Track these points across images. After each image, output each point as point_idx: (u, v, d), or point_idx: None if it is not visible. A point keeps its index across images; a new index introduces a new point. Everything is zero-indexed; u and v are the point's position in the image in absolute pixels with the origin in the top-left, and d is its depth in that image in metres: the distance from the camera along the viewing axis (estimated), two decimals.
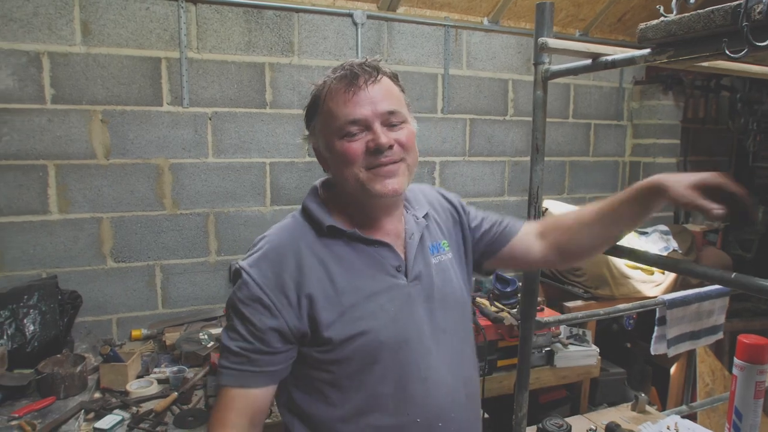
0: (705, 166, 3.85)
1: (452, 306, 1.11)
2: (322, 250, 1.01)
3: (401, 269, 1.05)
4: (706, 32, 0.99)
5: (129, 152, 2.41)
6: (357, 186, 1.00)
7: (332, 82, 1.00)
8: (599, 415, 1.79)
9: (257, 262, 0.99)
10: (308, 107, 1.07)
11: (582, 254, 1.24)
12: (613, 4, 3.08)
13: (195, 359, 2.20)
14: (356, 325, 0.98)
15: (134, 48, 2.37)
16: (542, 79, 1.42)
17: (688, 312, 1.80)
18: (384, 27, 2.81)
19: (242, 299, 0.97)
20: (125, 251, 2.46)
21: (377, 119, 0.98)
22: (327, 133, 1.01)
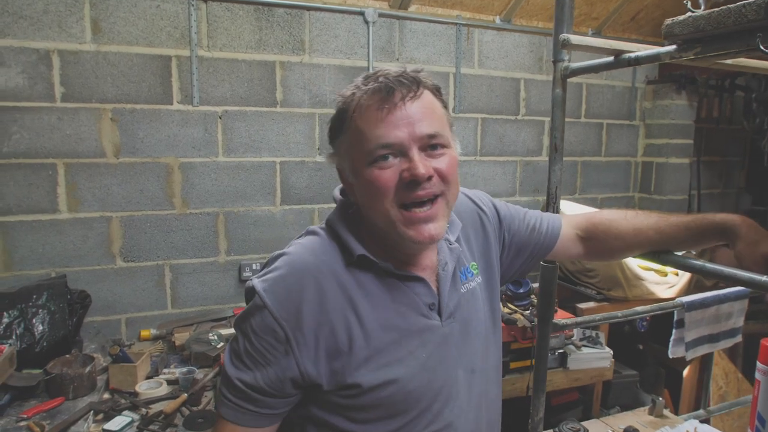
0: (718, 166, 3.81)
1: (482, 340, 1.00)
2: (349, 281, 0.86)
3: (434, 307, 0.92)
4: (737, 27, 0.96)
5: (139, 151, 2.40)
6: (387, 225, 0.85)
7: (362, 96, 0.84)
8: (616, 420, 1.76)
9: (273, 286, 0.84)
10: (333, 121, 0.91)
11: (618, 258, 1.22)
12: (627, 2, 3.05)
13: (204, 360, 2.18)
14: (384, 372, 0.85)
15: (144, 46, 2.36)
16: (561, 76, 1.39)
17: (706, 315, 1.77)
18: (395, 25, 2.79)
19: (254, 328, 0.84)
20: (134, 251, 2.45)
21: (415, 144, 0.82)
22: (354, 157, 0.86)
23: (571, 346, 2.45)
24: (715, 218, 1.04)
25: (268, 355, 0.84)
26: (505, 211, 1.14)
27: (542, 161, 3.24)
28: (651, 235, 1.11)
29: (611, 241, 1.15)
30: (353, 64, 2.73)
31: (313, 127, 2.69)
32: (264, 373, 0.84)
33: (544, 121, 3.21)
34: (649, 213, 1.15)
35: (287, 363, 0.83)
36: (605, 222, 1.16)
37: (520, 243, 1.14)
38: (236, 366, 0.86)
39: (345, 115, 0.87)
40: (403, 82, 0.84)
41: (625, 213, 1.17)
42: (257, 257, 2.66)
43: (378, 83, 0.84)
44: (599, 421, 1.76)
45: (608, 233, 1.15)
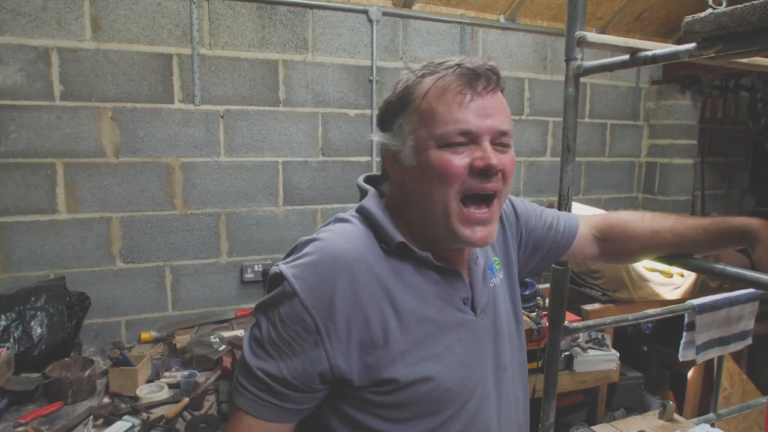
0: (722, 167, 3.80)
1: (510, 338, 0.98)
2: (385, 270, 0.82)
3: (468, 301, 0.89)
4: (762, 24, 0.93)
5: (139, 150, 2.36)
6: (441, 216, 0.81)
7: (441, 78, 0.81)
8: (626, 424, 1.74)
9: (304, 273, 0.79)
10: (392, 101, 0.87)
11: (634, 261, 1.19)
12: (632, 2, 3.03)
13: (206, 363, 2.15)
14: (421, 367, 0.81)
15: (145, 44, 2.32)
16: (574, 75, 1.36)
17: (717, 317, 1.75)
18: (399, 24, 2.76)
19: (282, 315, 0.78)
20: (135, 252, 2.41)
21: (488, 136, 0.80)
22: (421, 137, 0.81)
23: (577, 348, 2.43)
24: (734, 222, 1.02)
25: (294, 345, 0.78)
26: (521, 208, 1.12)
27: (546, 161, 3.21)
28: (668, 237, 1.08)
29: (627, 242, 1.13)
30: (357, 63, 2.70)
31: (316, 127, 2.66)
32: (289, 364, 0.78)
33: (548, 121, 3.18)
34: (666, 215, 1.13)
35: (316, 355, 0.78)
36: (622, 223, 1.14)
37: (536, 240, 1.11)
38: (257, 355, 0.80)
39: (412, 94, 0.83)
40: (488, 73, 0.81)
41: (642, 214, 1.14)
42: (259, 258, 2.62)
43: (463, 68, 0.81)
44: (609, 426, 1.74)
45: (625, 235, 1.13)
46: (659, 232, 1.09)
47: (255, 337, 0.82)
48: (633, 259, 1.21)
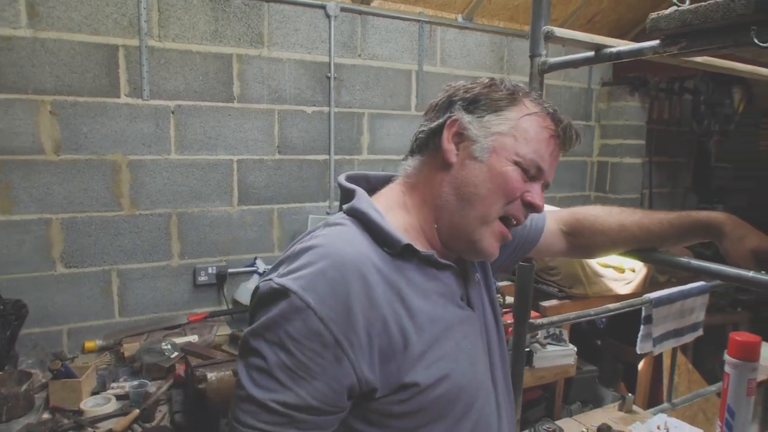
0: (667, 167, 3.95)
1: (496, 333, 0.97)
2: (391, 271, 0.78)
3: (464, 297, 0.89)
4: (726, 22, 0.94)
5: (82, 147, 2.22)
6: (475, 218, 0.83)
7: (544, 114, 0.86)
8: (587, 417, 1.76)
9: (313, 283, 0.71)
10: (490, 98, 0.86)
11: (601, 255, 1.20)
12: (585, 6, 3.10)
13: (157, 371, 2.05)
14: (438, 367, 0.78)
15: (88, 34, 2.19)
16: (539, 71, 1.35)
17: (672, 310, 1.79)
18: (358, 20, 2.72)
19: (294, 335, 0.70)
20: (77, 255, 2.27)
21: (544, 181, 0.87)
22: (505, 145, 0.82)
23: (537, 344, 2.45)
24: (700, 215, 1.03)
25: (313, 366, 0.70)
26: None
27: None
28: (635, 231, 1.09)
29: (596, 237, 1.13)
30: (314, 59, 2.64)
31: (273, 124, 2.58)
32: (312, 389, 0.70)
33: None
34: (633, 209, 1.13)
35: (341, 371, 0.71)
36: (590, 218, 1.14)
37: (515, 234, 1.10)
38: (266, 387, 0.70)
39: (515, 103, 0.86)
40: (569, 136, 0.88)
41: (609, 209, 1.14)
42: (213, 260, 2.52)
43: (564, 121, 0.87)
44: (572, 420, 1.75)
45: (593, 229, 1.13)
46: (626, 227, 1.09)
47: (257, 367, 0.71)
48: (601, 254, 1.21)
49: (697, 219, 1.02)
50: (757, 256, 0.93)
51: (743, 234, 0.96)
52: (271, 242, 2.66)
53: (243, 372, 0.73)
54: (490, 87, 0.87)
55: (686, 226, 1.04)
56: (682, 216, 1.05)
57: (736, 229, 0.97)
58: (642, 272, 2.91)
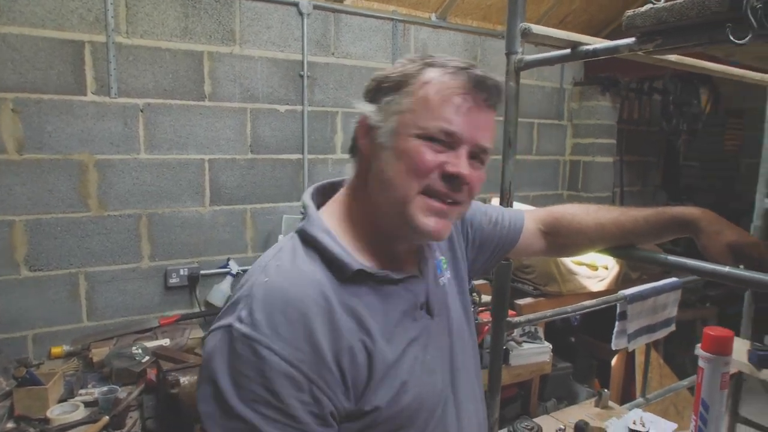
0: (637, 165, 4.02)
1: (462, 337, 0.95)
2: (350, 298, 0.76)
3: (424, 305, 0.87)
4: (700, 19, 0.95)
5: (47, 146, 2.15)
6: (397, 203, 0.78)
7: (448, 73, 0.78)
8: (565, 414, 1.77)
9: (275, 328, 0.69)
10: (390, 76, 0.82)
11: (580, 253, 1.20)
12: (557, 6, 3.14)
13: (128, 377, 2.00)
14: (398, 387, 0.77)
15: (52, 29, 2.12)
16: (515, 69, 1.36)
17: (645, 306, 1.82)
18: (331, 18, 2.70)
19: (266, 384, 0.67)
20: (42, 258, 2.19)
21: (469, 147, 0.78)
22: (405, 121, 0.78)
23: (512, 342, 2.46)
24: (675, 212, 1.04)
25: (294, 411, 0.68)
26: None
27: None
28: (612, 229, 1.09)
29: (574, 236, 1.13)
30: (287, 57, 2.60)
31: (245, 123, 2.54)
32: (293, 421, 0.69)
33: None
34: (609, 207, 1.14)
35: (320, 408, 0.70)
36: (568, 216, 1.14)
37: (483, 238, 1.09)
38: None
39: (412, 78, 0.80)
40: (493, 88, 0.80)
41: (587, 207, 1.15)
42: (185, 262, 2.47)
43: (472, 74, 0.79)
44: (549, 417, 1.76)
45: (571, 228, 1.13)
46: (604, 225, 1.10)
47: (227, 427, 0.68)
48: (579, 252, 1.22)
49: (673, 215, 1.03)
50: (734, 251, 0.94)
51: (719, 229, 0.97)
52: (245, 243, 2.61)
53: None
54: (395, 67, 0.84)
55: (662, 223, 1.05)
56: (659, 213, 1.06)
57: (712, 224, 0.98)
58: (615, 269, 2.95)
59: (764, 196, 2.20)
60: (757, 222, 2.21)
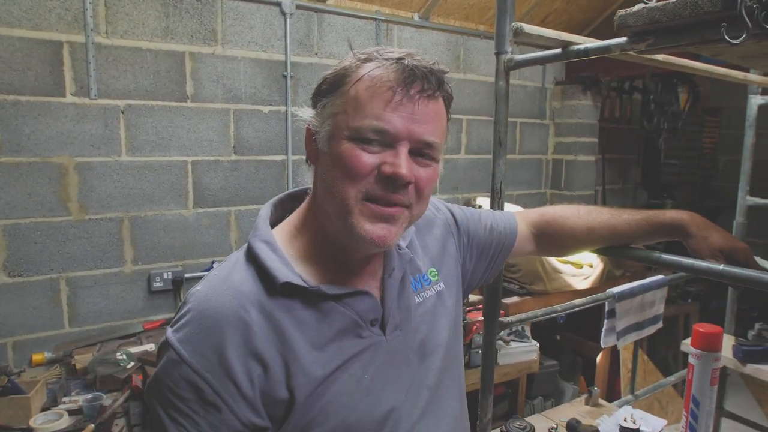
0: (618, 164, 4.08)
1: (440, 356, 0.90)
2: (276, 312, 0.74)
3: (377, 321, 0.82)
4: (693, 19, 0.96)
5: (25, 149, 2.09)
6: (340, 211, 0.74)
7: (379, 67, 0.74)
8: (556, 412, 1.78)
9: (188, 334, 0.71)
10: (326, 78, 0.79)
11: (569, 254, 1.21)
12: (538, 6, 3.17)
13: (113, 383, 1.97)
14: (325, 408, 0.74)
15: (29, 29, 2.06)
16: (505, 68, 1.37)
17: (634, 303, 1.84)
18: (314, 18, 2.68)
19: (174, 388, 0.70)
20: (22, 263, 2.13)
21: (408, 143, 0.73)
22: (338, 124, 0.74)
23: (500, 342, 2.47)
24: (665, 216, 1.06)
25: (197, 418, 0.70)
26: (460, 215, 1.08)
27: (462, 159, 3.27)
28: (603, 233, 1.11)
29: (564, 239, 1.14)
30: (270, 58, 2.58)
31: (228, 124, 2.51)
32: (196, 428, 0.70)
33: (462, 119, 3.25)
34: (601, 209, 1.15)
35: (222, 419, 0.70)
36: (559, 220, 1.14)
37: (480, 245, 1.08)
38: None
39: (347, 76, 0.75)
40: (427, 76, 0.74)
41: (578, 209, 1.15)
42: (168, 265, 2.43)
43: (402, 64, 0.73)
44: (541, 416, 1.77)
45: (562, 231, 1.14)
46: (595, 229, 1.11)
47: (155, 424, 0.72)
48: (569, 253, 1.23)
49: (663, 221, 1.06)
50: (723, 254, 0.98)
51: (707, 233, 1.01)
52: (229, 245, 2.58)
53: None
54: (336, 67, 0.79)
55: (652, 227, 1.07)
56: (649, 217, 1.08)
57: (700, 228, 1.02)
58: (599, 267, 2.99)
59: (746, 194, 2.24)
60: (739, 219, 2.26)
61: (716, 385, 1.40)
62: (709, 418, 1.40)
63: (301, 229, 0.83)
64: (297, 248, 0.80)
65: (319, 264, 0.80)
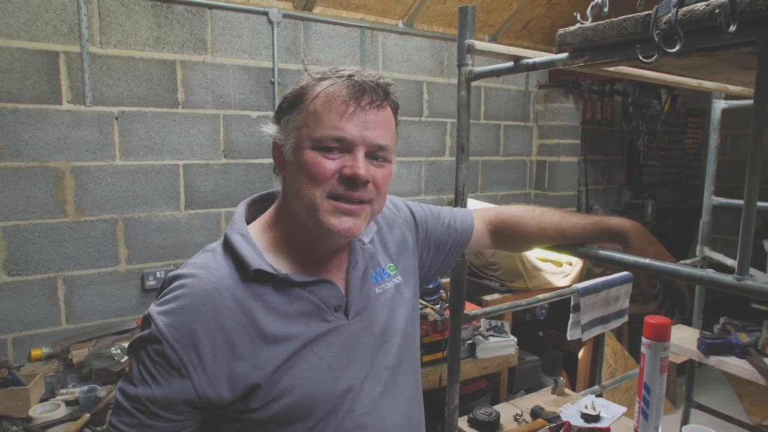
0: (602, 165, 4.17)
1: (398, 340, 1.01)
2: (247, 295, 0.85)
3: (341, 308, 0.93)
4: (619, 39, 1.07)
5: (23, 154, 2.20)
6: (310, 212, 0.86)
7: (332, 84, 0.86)
8: (523, 401, 1.88)
9: (167, 309, 0.82)
10: (287, 97, 0.91)
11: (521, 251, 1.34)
12: (519, 12, 3.26)
13: (107, 376, 2.05)
14: (286, 381, 0.85)
15: (27, 40, 2.17)
16: (466, 80, 1.46)
17: (598, 299, 1.94)
18: (300, 27, 2.78)
19: (149, 353, 0.82)
20: (21, 263, 2.24)
21: (364, 147, 0.85)
22: (301, 136, 0.86)
23: (479, 336, 2.57)
24: (610, 223, 1.18)
25: (159, 378, 0.81)
26: (420, 213, 1.19)
27: (446, 161, 3.37)
28: (552, 234, 1.23)
29: (517, 237, 1.26)
30: (258, 65, 2.68)
31: (218, 129, 2.61)
32: (149, 392, 0.81)
33: (447, 122, 3.34)
34: (553, 212, 1.25)
35: (182, 386, 0.81)
36: (513, 219, 1.26)
37: (437, 241, 1.19)
38: (128, 395, 0.83)
39: (305, 94, 0.88)
40: (375, 89, 0.87)
41: (532, 211, 1.26)
42: (161, 265, 2.53)
43: (352, 81, 0.86)
44: (509, 404, 1.87)
45: (516, 231, 1.25)
46: (545, 230, 1.23)
47: (127, 377, 0.85)
48: (521, 250, 1.36)
49: (607, 226, 1.18)
50: None
51: (644, 246, 1.12)
52: None
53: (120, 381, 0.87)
54: (294, 86, 0.92)
55: (598, 232, 1.19)
56: (596, 222, 1.20)
57: (639, 240, 1.13)
58: (578, 265, 3.08)
59: (711, 194, 2.34)
60: (705, 218, 2.36)
61: (666, 373, 1.51)
62: (659, 403, 1.51)
63: (272, 225, 0.94)
64: (268, 241, 0.92)
65: (288, 256, 0.91)
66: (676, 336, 2.10)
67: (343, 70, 0.89)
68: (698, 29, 0.91)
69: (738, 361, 1.94)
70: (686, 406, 2.53)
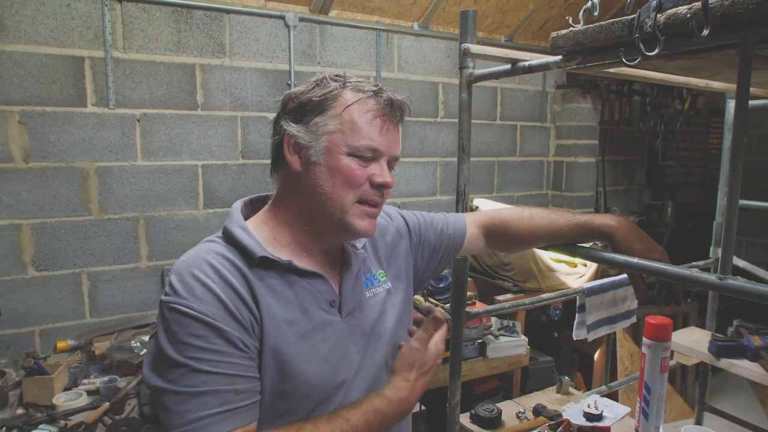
0: (621, 165, 4.13)
1: (386, 340, 1.06)
2: (251, 278, 0.89)
3: (335, 304, 0.98)
4: (608, 42, 1.09)
5: (51, 155, 2.31)
6: (337, 210, 0.93)
7: (367, 98, 0.94)
8: (527, 399, 1.90)
9: (186, 293, 0.84)
10: (313, 99, 0.94)
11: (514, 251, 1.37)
12: (535, 12, 3.25)
13: (127, 368, 2.14)
14: (287, 366, 0.89)
15: (54, 46, 2.28)
16: (467, 82, 1.49)
17: (604, 299, 1.94)
18: (316, 30, 2.84)
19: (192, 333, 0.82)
20: (48, 259, 2.35)
21: (387, 158, 0.97)
22: (335, 141, 0.92)
23: (490, 336, 2.59)
24: (595, 223, 1.19)
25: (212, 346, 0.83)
26: (413, 220, 1.25)
27: None
28: (542, 235, 1.26)
29: (508, 240, 1.31)
30: (275, 68, 2.75)
31: (236, 131, 2.69)
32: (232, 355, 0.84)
33: None
34: (542, 214, 1.28)
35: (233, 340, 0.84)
36: (504, 223, 1.30)
37: (431, 247, 1.25)
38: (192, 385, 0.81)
39: (335, 99, 0.94)
40: (398, 108, 0.98)
41: (522, 213, 1.29)
42: None
43: (384, 98, 0.96)
44: (513, 402, 1.89)
45: (506, 234, 1.30)
46: (534, 233, 1.26)
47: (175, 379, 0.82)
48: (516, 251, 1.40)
49: (594, 226, 1.19)
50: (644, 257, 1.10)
51: (631, 244, 1.13)
52: None
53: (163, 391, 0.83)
54: (313, 90, 0.95)
55: (584, 232, 1.21)
56: (582, 224, 1.22)
57: (625, 237, 1.15)
58: (593, 267, 3.06)
59: (725, 195, 2.31)
60: (718, 219, 2.33)
61: (666, 373, 1.51)
62: (660, 403, 1.51)
63: (267, 222, 0.99)
64: (265, 236, 0.97)
65: (284, 250, 0.96)
66: (687, 338, 2.09)
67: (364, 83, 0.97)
68: (680, 32, 0.92)
69: (749, 364, 1.92)
70: (699, 410, 2.50)
